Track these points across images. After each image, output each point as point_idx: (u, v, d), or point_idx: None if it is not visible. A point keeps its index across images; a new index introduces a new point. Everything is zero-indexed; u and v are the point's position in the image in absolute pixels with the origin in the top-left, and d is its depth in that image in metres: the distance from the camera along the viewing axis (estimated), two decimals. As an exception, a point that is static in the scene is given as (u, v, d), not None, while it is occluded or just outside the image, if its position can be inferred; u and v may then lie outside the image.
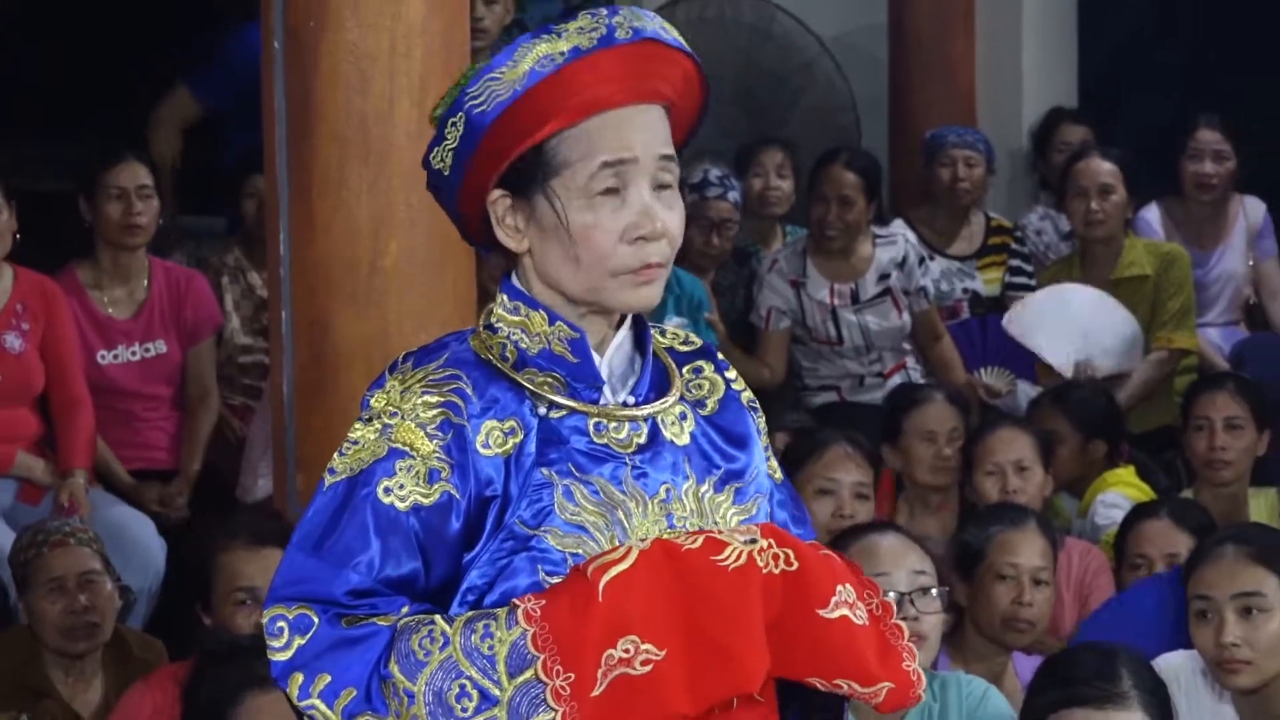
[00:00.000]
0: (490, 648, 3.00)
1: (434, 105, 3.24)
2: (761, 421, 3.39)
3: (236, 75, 7.67)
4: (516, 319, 3.22)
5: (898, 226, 9.00)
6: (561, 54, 3.11)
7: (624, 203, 3.15)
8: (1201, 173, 9.16)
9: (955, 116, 9.98)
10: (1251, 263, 9.31)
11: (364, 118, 5.66)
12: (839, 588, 3.13)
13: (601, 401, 3.20)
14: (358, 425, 3.19)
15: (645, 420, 3.21)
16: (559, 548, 3.10)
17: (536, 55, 3.11)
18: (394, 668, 3.01)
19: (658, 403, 3.24)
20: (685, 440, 3.24)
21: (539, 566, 3.09)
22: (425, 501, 3.09)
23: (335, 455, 3.19)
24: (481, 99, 3.13)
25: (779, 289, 8.83)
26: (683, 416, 3.26)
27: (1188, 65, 10.07)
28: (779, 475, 3.41)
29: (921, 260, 8.80)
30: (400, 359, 3.23)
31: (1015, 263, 9.52)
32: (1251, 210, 9.32)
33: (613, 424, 3.19)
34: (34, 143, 9.13)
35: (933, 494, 7.35)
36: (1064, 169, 9.08)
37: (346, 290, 5.71)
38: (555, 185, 3.15)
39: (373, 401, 3.20)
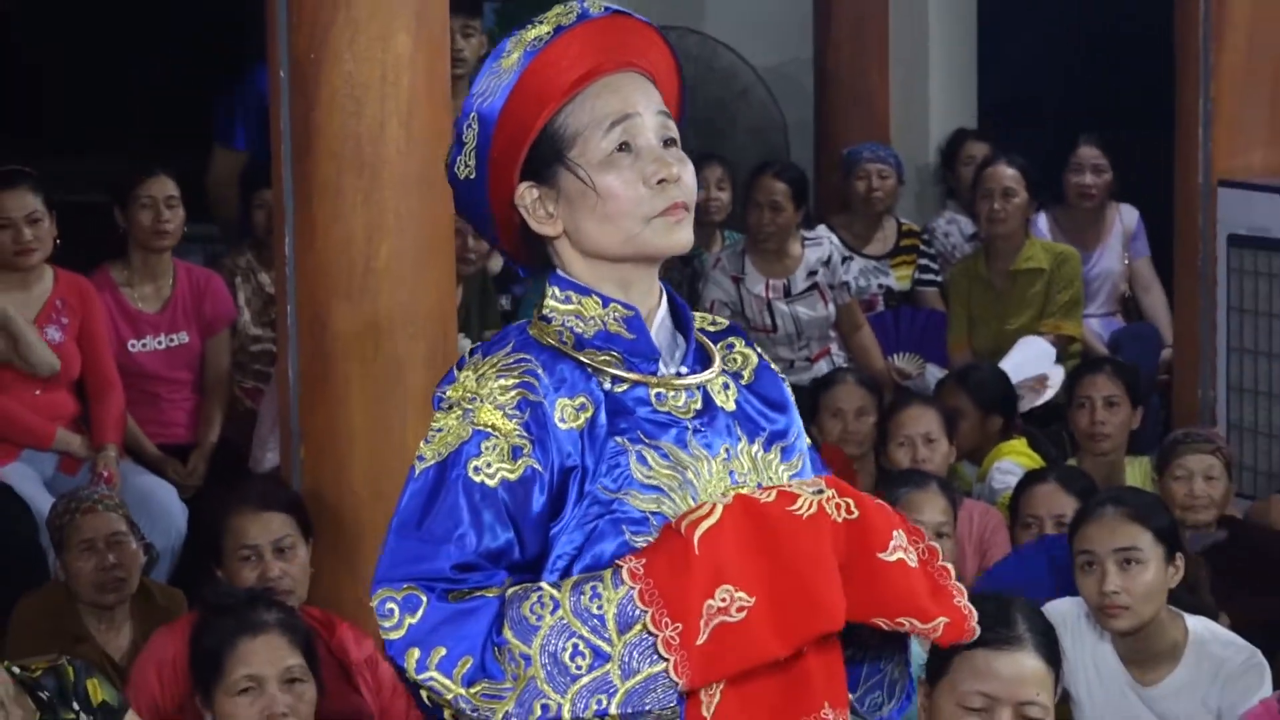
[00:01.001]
0: (599, 607, 2.90)
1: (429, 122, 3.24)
2: (787, 382, 3.31)
3: (253, 114, 7.66)
4: (569, 307, 3.12)
5: (822, 230, 9.01)
6: (547, 34, 3.05)
7: (637, 154, 3.07)
8: (1083, 184, 9.20)
9: (871, 137, 10.01)
10: (1126, 261, 9.35)
11: (358, 138, 5.65)
12: (894, 533, 3.08)
13: (658, 373, 3.12)
14: (439, 416, 3.06)
15: (698, 388, 3.13)
16: (639, 508, 3.01)
17: (524, 41, 3.05)
18: (508, 634, 2.90)
19: (705, 373, 3.15)
20: (731, 406, 3.16)
21: (623, 527, 3.00)
22: (511, 476, 2.98)
23: (422, 444, 3.06)
24: (487, 93, 3.07)
25: (722, 284, 8.87)
26: (725, 386, 3.17)
27: (1071, 93, 10.10)
28: (805, 441, 3.31)
29: (844, 259, 8.84)
30: (469, 353, 3.13)
31: (924, 261, 9.59)
32: (1126, 216, 9.35)
33: (671, 393, 3.10)
34: (72, 160, 9.11)
35: (849, 463, 7.37)
36: (975, 175, 9.12)
37: (343, 288, 5.70)
38: (573, 156, 3.07)
39: (448, 393, 3.08)
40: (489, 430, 3.00)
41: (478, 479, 2.98)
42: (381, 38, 5.63)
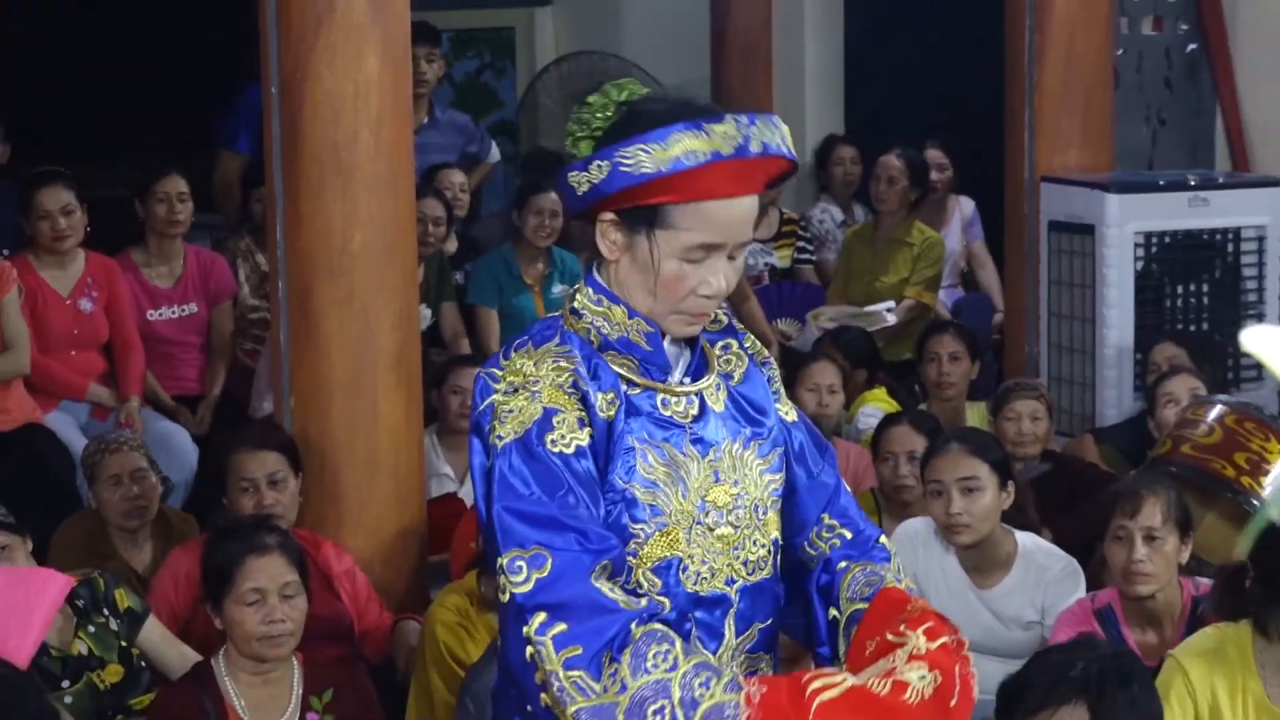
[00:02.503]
0: (701, 695, 2.74)
1: (565, 135, 3.03)
2: (771, 371, 3.20)
3: (252, 123, 7.63)
4: (599, 309, 2.99)
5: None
6: (705, 154, 2.83)
7: (703, 267, 2.93)
8: (931, 180, 9.22)
9: (758, 141, 10.02)
10: (965, 243, 9.39)
11: (335, 144, 5.63)
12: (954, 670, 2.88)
13: (667, 381, 3.01)
14: (504, 398, 2.91)
15: (696, 395, 3.02)
16: (640, 500, 2.92)
17: (685, 148, 2.83)
18: (625, 657, 2.75)
19: (703, 381, 3.05)
20: (721, 407, 3.05)
21: (629, 513, 2.92)
22: (583, 443, 2.89)
23: (497, 424, 2.91)
24: (630, 162, 2.85)
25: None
26: (718, 387, 3.06)
27: (920, 105, 10.12)
28: (793, 415, 3.20)
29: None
30: (514, 344, 3.00)
31: (801, 243, 9.60)
32: (965, 206, 9.40)
33: (674, 399, 3.00)
34: (99, 163, 9.06)
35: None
36: (864, 160, 9.23)
37: (324, 267, 5.69)
38: (658, 235, 2.91)
39: (504, 374, 2.95)
40: (556, 407, 2.89)
41: (556, 450, 2.87)
42: (354, 60, 5.61)
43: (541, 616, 2.78)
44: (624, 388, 2.97)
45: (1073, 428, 7.60)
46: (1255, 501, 5.78)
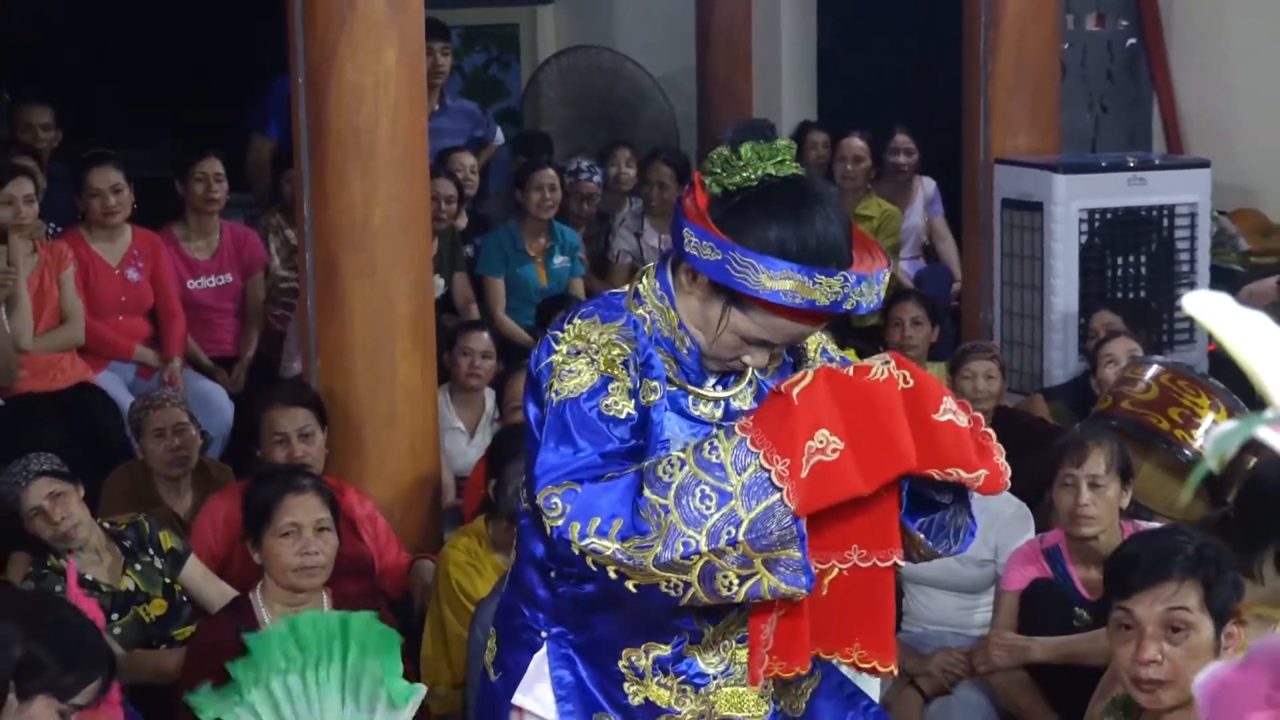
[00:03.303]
0: (717, 457, 2.70)
1: (703, 167, 2.84)
2: (805, 347, 3.11)
3: (281, 110, 7.61)
4: (660, 305, 2.92)
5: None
6: (802, 299, 2.74)
7: (754, 348, 2.87)
8: (897, 162, 9.22)
9: (739, 127, 10.02)
10: (927, 219, 9.38)
11: (357, 129, 5.61)
12: (944, 399, 2.82)
13: (700, 386, 2.96)
14: (566, 359, 2.86)
15: (723, 402, 2.96)
16: None
17: (789, 287, 2.73)
18: (647, 492, 2.70)
19: (733, 389, 2.99)
20: (749, 405, 2.97)
21: None
22: (632, 412, 2.84)
23: (555, 381, 2.84)
24: (739, 272, 2.73)
25: (626, 238, 8.84)
26: (749, 386, 3.00)
27: (888, 92, 10.11)
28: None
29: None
30: (580, 311, 2.94)
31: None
32: (927, 185, 9.38)
33: (704, 403, 2.95)
34: (145, 146, 9.05)
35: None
36: (833, 144, 9.19)
37: (347, 241, 5.68)
38: (732, 312, 2.82)
39: (567, 337, 2.89)
40: (612, 376, 2.84)
41: (610, 413, 2.82)
42: (374, 53, 5.59)
43: (576, 527, 2.73)
44: (666, 383, 2.92)
45: (1023, 386, 7.60)
46: (1187, 452, 5.79)
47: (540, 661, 3.03)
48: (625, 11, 11.42)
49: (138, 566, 5.17)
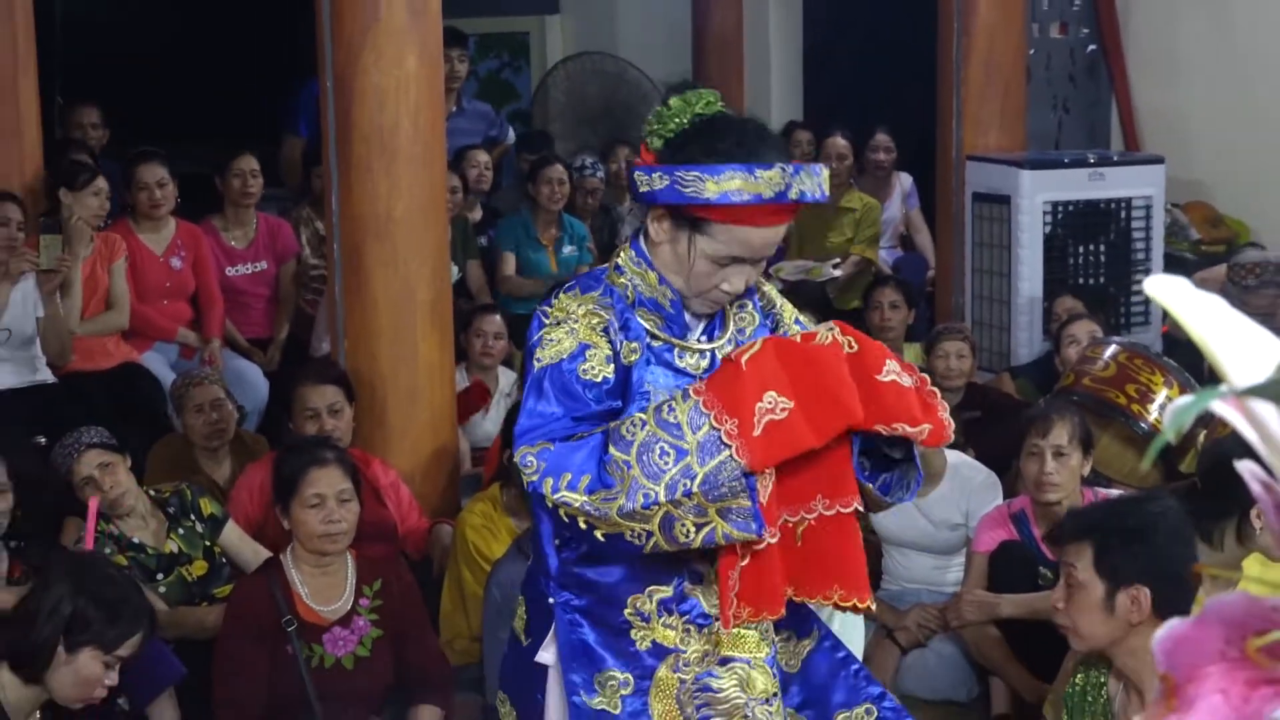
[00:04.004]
0: (674, 417, 2.75)
1: (643, 131, 2.91)
2: (778, 314, 3.15)
3: (311, 111, 7.59)
4: (638, 270, 2.97)
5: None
6: (748, 195, 2.78)
7: (728, 270, 2.91)
8: (877, 159, 9.22)
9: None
10: (904, 211, 9.37)
11: (380, 129, 5.61)
12: (888, 362, 2.87)
13: (685, 338, 2.99)
14: (550, 328, 2.91)
15: (708, 353, 3.00)
16: None
17: (734, 186, 2.78)
18: (612, 450, 2.76)
19: (717, 340, 3.02)
20: None
21: None
22: (609, 375, 2.88)
23: (538, 350, 2.90)
24: (685, 185, 2.80)
25: (633, 223, 8.82)
26: (731, 341, 3.03)
27: (868, 96, 10.10)
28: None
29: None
30: (564, 287, 3.00)
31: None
32: (904, 180, 9.37)
33: (689, 354, 2.98)
34: (188, 143, 9.04)
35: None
36: (818, 143, 9.16)
37: (371, 231, 5.67)
38: (697, 240, 2.88)
39: (553, 311, 2.94)
40: (590, 344, 2.89)
41: (587, 377, 2.87)
42: (396, 59, 5.58)
43: (550, 482, 2.78)
44: (649, 340, 2.95)
45: (992, 364, 7.60)
46: (1143, 425, 5.79)
47: (554, 625, 3.04)
48: (627, 20, 11.39)
49: (180, 531, 5.17)
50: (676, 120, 2.87)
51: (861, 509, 2.97)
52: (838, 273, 8.49)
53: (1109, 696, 3.61)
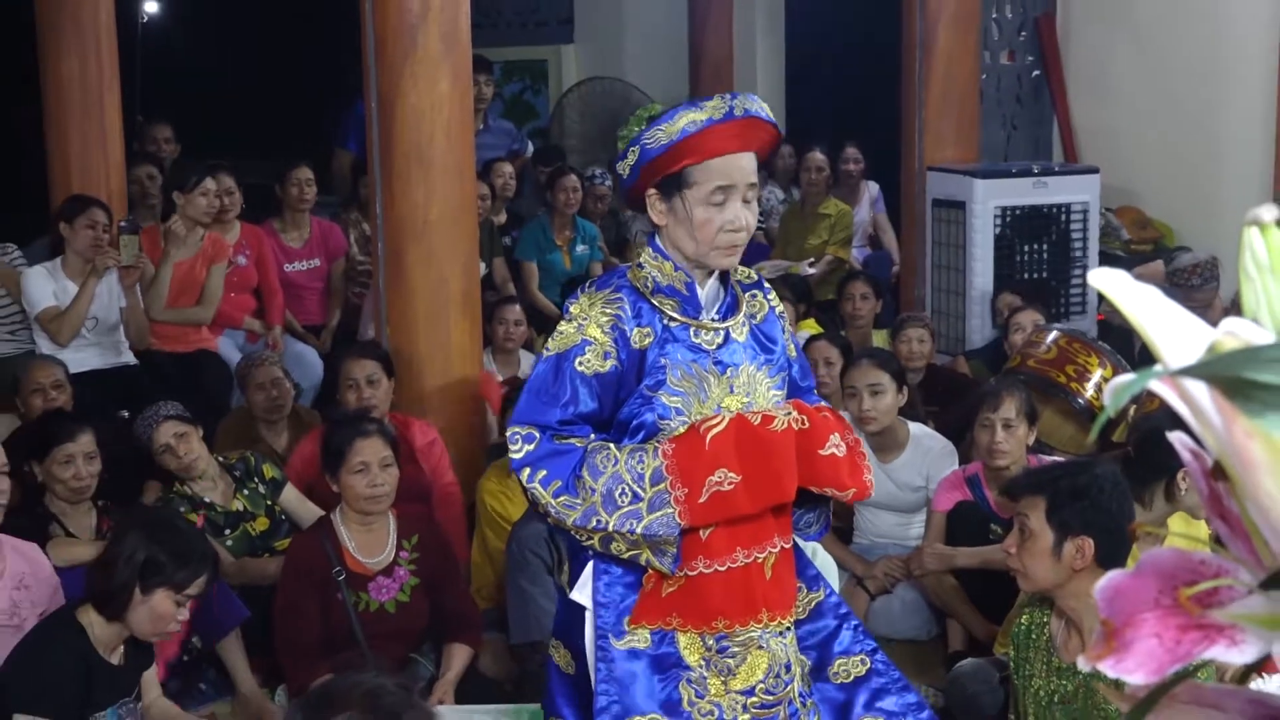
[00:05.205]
0: (642, 468, 2.86)
1: (619, 132, 3.09)
2: (784, 319, 3.18)
3: (358, 129, 7.58)
4: (656, 264, 3.00)
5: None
6: (702, 120, 2.88)
7: (724, 208, 2.94)
8: (848, 169, 9.18)
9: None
10: (872, 215, 9.35)
11: (418, 144, 5.59)
12: (831, 436, 3.00)
13: (700, 318, 3.01)
14: (564, 323, 2.97)
15: (723, 330, 3.02)
16: (667, 403, 2.93)
17: (687, 120, 2.88)
18: (584, 471, 2.85)
19: (731, 320, 3.04)
20: (744, 338, 3.04)
21: (656, 412, 2.92)
22: (602, 370, 2.91)
23: (549, 339, 2.98)
24: (651, 141, 2.90)
25: (642, 221, 8.78)
26: (743, 324, 3.05)
27: (840, 112, 10.08)
28: (793, 351, 3.18)
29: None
30: (587, 285, 3.03)
31: (754, 215, 9.54)
32: (872, 187, 9.34)
33: (705, 332, 3.00)
34: (252, 155, 9.02)
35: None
36: (799, 157, 9.12)
37: (410, 233, 5.66)
38: (687, 194, 2.93)
39: (572, 309, 2.98)
40: (592, 340, 2.93)
41: (581, 369, 2.91)
42: (431, 83, 5.56)
43: (528, 471, 2.87)
44: (664, 322, 2.98)
45: (949, 348, 7.59)
46: (1080, 400, 5.78)
47: (589, 570, 3.05)
48: (633, 49, 11.36)
49: (245, 492, 5.17)
50: (636, 127, 3.01)
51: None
52: (813, 270, 8.48)
53: (1050, 634, 3.61)
